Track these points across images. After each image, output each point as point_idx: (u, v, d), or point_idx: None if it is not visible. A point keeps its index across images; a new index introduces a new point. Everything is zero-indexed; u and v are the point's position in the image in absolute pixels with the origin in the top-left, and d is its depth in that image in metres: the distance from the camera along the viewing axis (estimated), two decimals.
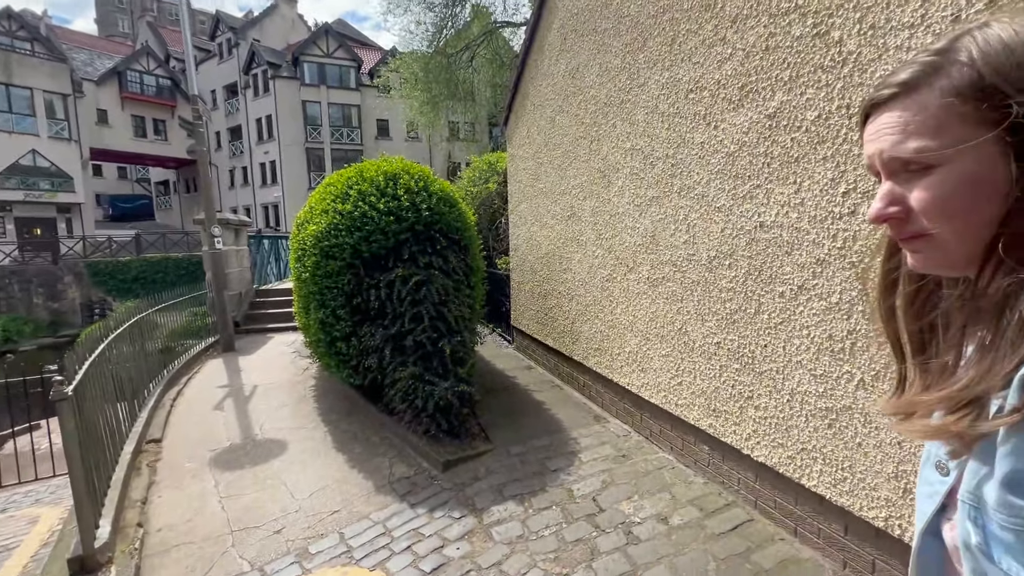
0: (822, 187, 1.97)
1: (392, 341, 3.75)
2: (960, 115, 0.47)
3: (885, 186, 0.53)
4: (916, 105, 0.49)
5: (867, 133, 0.55)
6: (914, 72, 0.50)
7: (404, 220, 3.77)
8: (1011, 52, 0.44)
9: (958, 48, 0.48)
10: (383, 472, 3.35)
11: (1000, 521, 0.44)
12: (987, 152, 0.46)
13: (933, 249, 0.51)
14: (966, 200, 0.48)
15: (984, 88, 0.45)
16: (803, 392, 2.12)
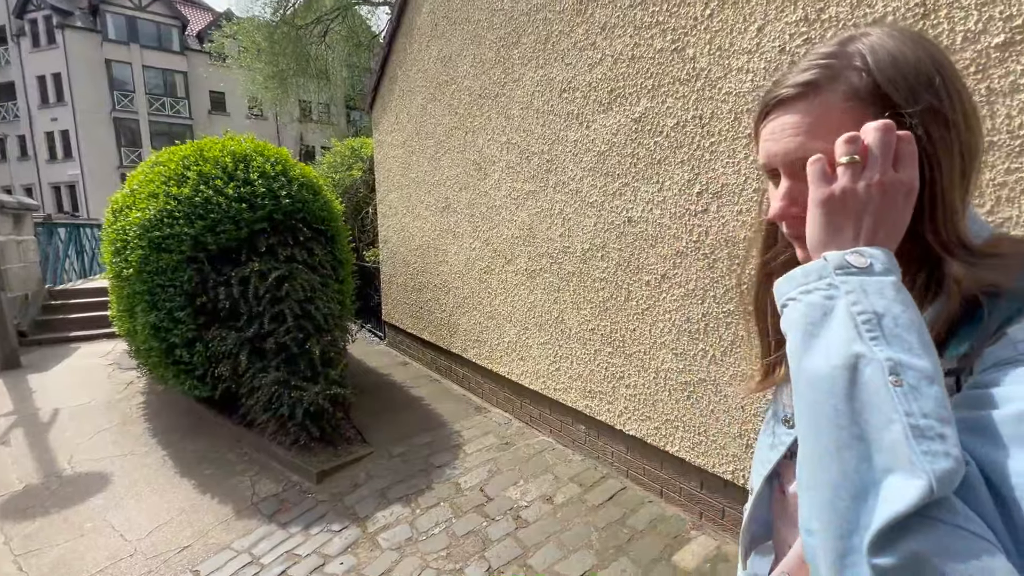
0: (680, 187, 2.22)
1: (249, 344, 3.33)
2: (860, 118, 0.48)
3: (785, 185, 0.53)
4: (820, 107, 0.50)
5: (766, 132, 0.54)
6: (816, 74, 0.50)
7: (260, 208, 3.34)
8: (897, 64, 0.47)
9: (851, 53, 0.49)
10: (244, 493, 2.96)
11: None
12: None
13: None
14: None
15: (880, 95, 0.48)
16: (667, 369, 2.38)
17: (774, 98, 0.53)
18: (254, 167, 3.43)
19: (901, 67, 0.47)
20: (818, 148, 0.49)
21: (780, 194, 0.54)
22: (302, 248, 3.59)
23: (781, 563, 0.63)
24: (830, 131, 0.49)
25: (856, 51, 0.49)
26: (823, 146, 0.49)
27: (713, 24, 2.01)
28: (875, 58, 0.48)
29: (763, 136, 0.55)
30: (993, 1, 1.34)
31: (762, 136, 0.55)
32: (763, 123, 0.55)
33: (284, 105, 16.91)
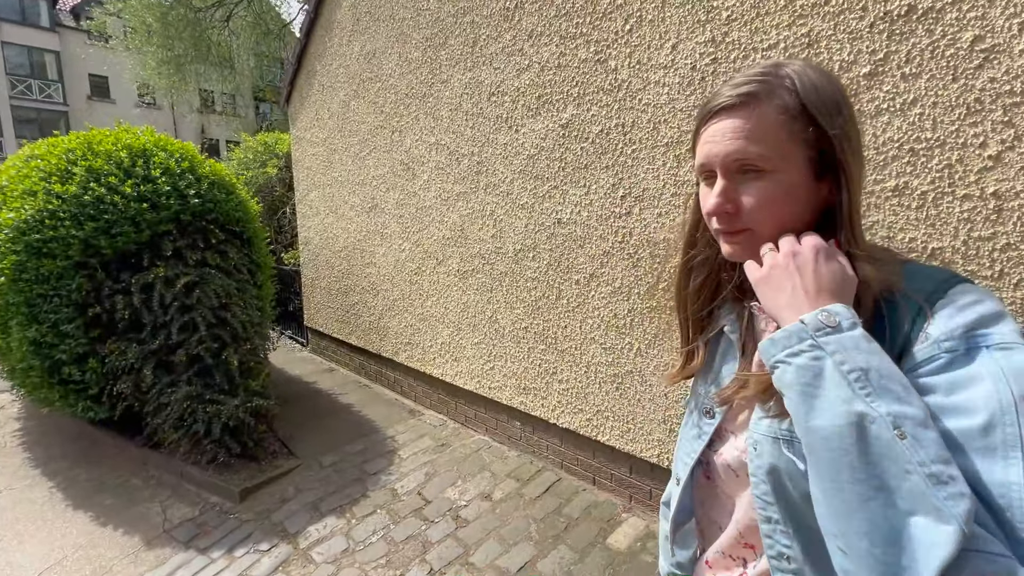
0: (606, 191, 2.35)
1: (154, 357, 3.04)
2: (789, 132, 0.56)
3: (721, 184, 0.59)
4: (758, 115, 0.56)
5: (707, 135, 0.60)
6: (755, 87, 0.57)
7: (164, 208, 3.06)
8: (818, 91, 0.56)
9: (782, 75, 0.57)
10: (154, 520, 2.70)
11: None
12: (801, 166, 0.57)
13: (752, 242, 0.60)
14: (784, 204, 0.58)
15: (806, 114, 0.56)
16: (597, 363, 2.51)
17: (717, 105, 0.58)
18: (156, 163, 3.13)
19: (821, 94, 0.56)
20: (754, 151, 0.56)
21: (716, 191, 0.59)
22: (215, 251, 3.33)
23: (717, 543, 0.71)
24: (765, 137, 0.56)
25: (786, 74, 0.57)
26: (759, 150, 0.56)
27: (632, 39, 2.15)
28: (801, 83, 0.56)
29: (703, 139, 0.60)
30: (861, 37, 1.57)
31: (702, 139, 0.60)
32: (704, 127, 0.60)
33: (182, 94, 15.44)
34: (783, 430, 0.58)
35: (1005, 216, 1.39)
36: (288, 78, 4.85)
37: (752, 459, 0.61)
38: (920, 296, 0.53)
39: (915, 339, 0.51)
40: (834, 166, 0.57)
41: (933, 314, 0.51)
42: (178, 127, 21.76)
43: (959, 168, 1.45)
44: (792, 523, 0.58)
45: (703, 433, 0.71)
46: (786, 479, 0.57)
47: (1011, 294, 1.41)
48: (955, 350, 0.48)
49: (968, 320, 0.49)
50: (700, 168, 0.62)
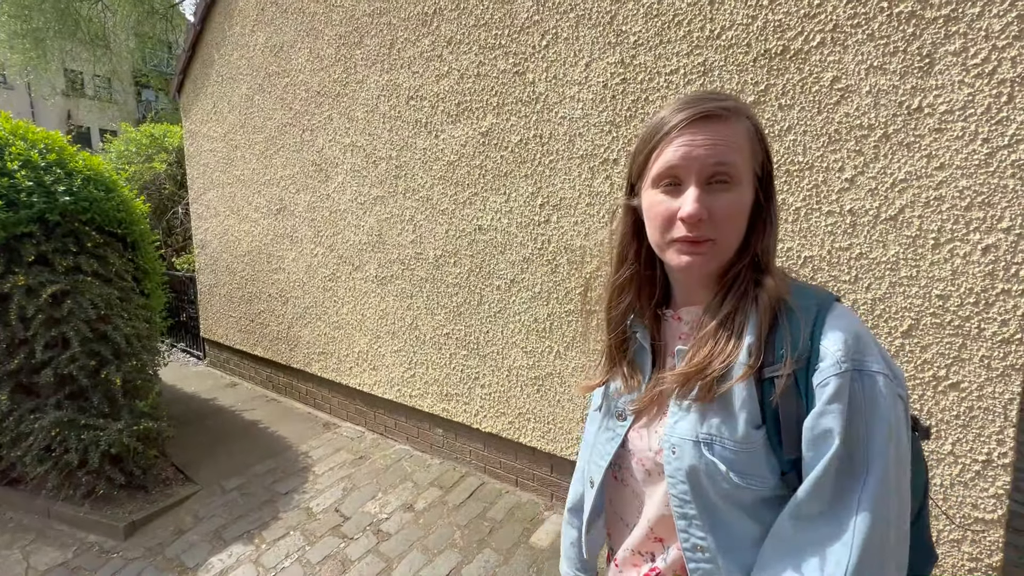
0: (525, 199, 2.42)
1: (11, 380, 2.61)
2: (749, 153, 0.62)
3: (697, 191, 0.60)
4: (732, 130, 0.60)
5: (683, 139, 0.60)
6: (730, 104, 0.61)
7: (25, 207, 2.64)
8: (762, 127, 0.65)
9: (744, 106, 0.63)
10: (14, 570, 2.32)
11: (741, 448, 0.60)
12: (753, 185, 0.63)
13: (715, 252, 0.62)
14: (742, 219, 0.62)
15: (757, 138, 0.63)
16: (518, 367, 2.57)
17: (699, 112, 0.60)
18: (12, 154, 2.69)
19: (764, 132, 0.65)
20: (732, 159, 0.60)
21: (693, 197, 0.59)
22: (90, 256, 2.93)
23: (626, 542, 0.74)
24: (741, 150, 0.60)
25: (743, 103, 0.64)
26: (736, 161, 0.60)
27: (549, 54, 2.24)
28: (753, 115, 0.64)
29: (679, 143, 0.60)
30: (746, 70, 1.78)
31: (673, 143, 0.61)
32: (674, 134, 0.61)
33: (43, 72, 13.41)
34: (703, 433, 0.62)
35: (859, 230, 1.64)
36: (180, 66, 4.42)
37: (670, 461, 0.64)
38: (812, 308, 0.60)
39: (817, 350, 0.58)
40: (768, 191, 0.65)
41: (825, 329, 0.58)
42: (37, 111, 18.83)
43: (824, 188, 1.69)
44: (708, 518, 0.62)
45: (616, 435, 0.74)
46: (705, 479, 0.62)
47: (863, 295, 1.66)
48: (848, 371, 0.55)
49: (850, 344, 0.57)
50: (665, 172, 0.62)
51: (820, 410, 0.56)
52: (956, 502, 1.58)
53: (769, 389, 0.59)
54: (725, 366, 0.61)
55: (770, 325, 0.61)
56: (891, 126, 1.54)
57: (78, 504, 2.62)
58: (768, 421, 0.60)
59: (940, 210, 1.50)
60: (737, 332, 0.62)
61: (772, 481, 0.60)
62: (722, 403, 0.62)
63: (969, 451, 1.54)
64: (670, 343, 0.72)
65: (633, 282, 0.74)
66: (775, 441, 0.60)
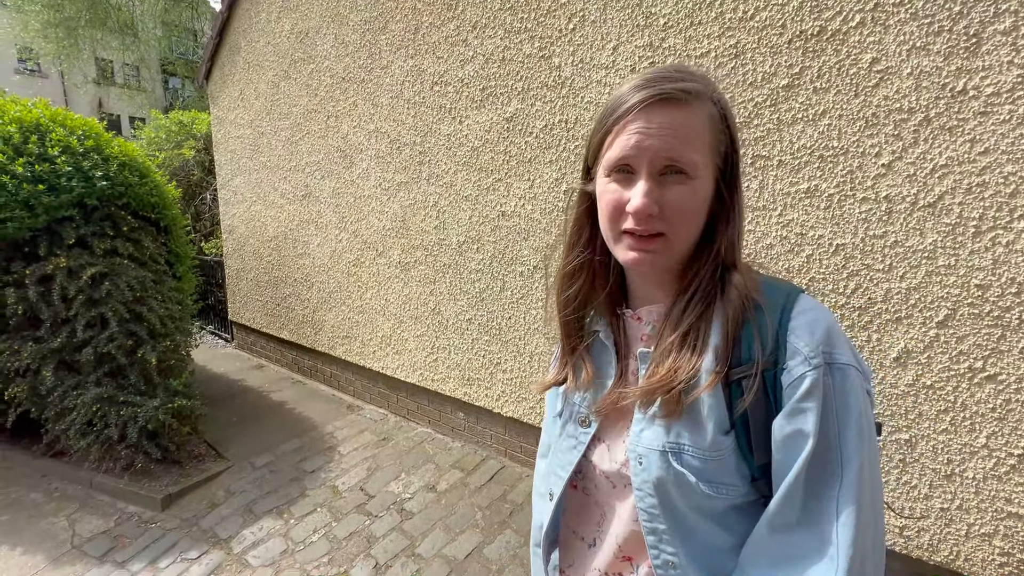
0: (549, 185, 2.41)
1: (55, 357, 2.74)
2: (710, 141, 0.56)
3: (647, 185, 0.55)
4: (691, 116, 0.54)
5: (634, 126, 0.54)
6: (691, 85, 0.55)
7: (65, 191, 2.74)
8: (730, 110, 0.58)
9: (710, 86, 0.57)
10: (60, 536, 2.45)
11: (709, 456, 0.56)
12: (711, 177, 0.57)
13: (666, 249, 0.57)
14: (697, 213, 0.57)
15: (722, 125, 0.57)
16: (540, 353, 2.59)
17: (653, 95, 0.54)
18: (52, 140, 2.79)
19: (732, 116, 0.59)
20: (688, 154, 0.54)
21: (642, 191, 0.54)
22: (126, 240, 3.03)
23: (595, 562, 0.68)
24: (697, 143, 0.54)
25: (713, 87, 0.57)
26: (691, 153, 0.54)
27: (576, 38, 2.21)
28: (720, 98, 0.58)
29: (629, 130, 0.55)
30: (780, 52, 1.73)
31: (626, 130, 0.55)
32: (629, 118, 0.55)
33: (75, 61, 13.74)
34: (670, 442, 0.58)
35: (894, 217, 1.60)
36: (208, 53, 4.49)
37: (637, 473, 0.60)
38: (778, 304, 0.57)
39: (785, 346, 0.55)
40: (732, 182, 0.59)
41: (792, 324, 0.55)
42: (70, 99, 19.33)
43: (859, 174, 1.64)
44: (678, 531, 0.58)
45: (579, 443, 0.68)
46: (674, 491, 0.57)
47: (897, 284, 1.62)
48: (819, 365, 0.52)
49: (820, 337, 0.54)
50: (618, 161, 0.56)
51: (791, 408, 0.53)
52: (988, 496, 1.55)
53: (737, 392, 0.56)
54: (690, 377, 0.57)
55: (737, 325, 0.57)
56: (933, 109, 1.49)
57: (118, 476, 2.75)
58: (737, 426, 0.56)
59: (983, 197, 1.45)
60: (702, 337, 0.58)
61: (743, 488, 0.57)
62: (688, 410, 0.58)
63: (1004, 444, 1.50)
64: (632, 344, 0.67)
65: (585, 270, 0.68)
66: (744, 446, 0.56)
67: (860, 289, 1.69)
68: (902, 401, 1.65)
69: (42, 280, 2.70)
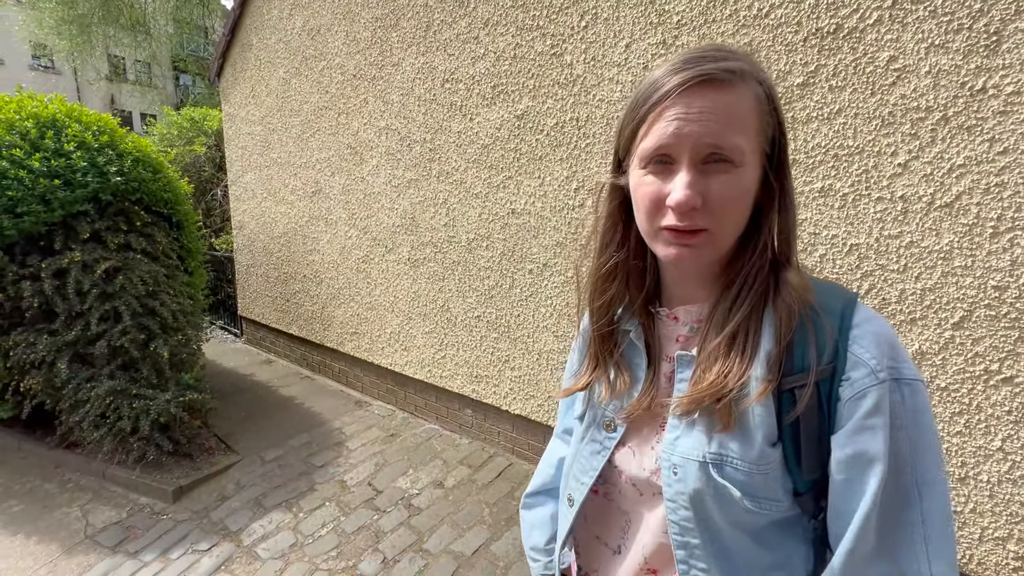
0: (560, 183, 2.41)
1: (70, 350, 2.77)
2: (757, 125, 0.51)
3: (690, 176, 0.50)
4: (739, 99, 0.49)
5: (673, 111, 0.50)
6: (739, 65, 0.50)
7: (80, 186, 2.77)
8: (775, 91, 0.53)
9: (754, 65, 0.51)
10: (74, 526, 2.49)
11: (755, 470, 0.52)
12: (758, 163, 0.52)
13: (709, 244, 0.52)
14: (744, 204, 0.52)
15: (769, 106, 0.52)
16: (548, 351, 2.59)
17: (697, 76, 0.48)
18: (68, 135, 2.82)
19: (777, 97, 0.53)
20: (732, 143, 0.49)
21: (685, 182, 0.50)
22: (139, 235, 3.07)
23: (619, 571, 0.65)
24: (744, 128, 0.50)
25: (756, 66, 0.52)
26: (735, 141, 0.49)
27: (588, 35, 2.21)
28: (765, 78, 0.52)
29: (667, 116, 0.50)
30: (796, 50, 1.72)
31: (664, 116, 0.50)
32: (667, 103, 0.50)
33: (87, 58, 13.89)
34: (711, 452, 0.54)
35: (910, 217, 1.58)
36: (219, 50, 4.52)
37: (670, 483, 0.56)
38: (836, 310, 0.53)
39: (845, 357, 0.51)
40: (781, 169, 0.54)
41: (855, 332, 0.51)
42: (82, 95, 19.55)
43: (874, 173, 1.63)
44: (713, 548, 0.55)
45: (604, 449, 0.64)
46: (712, 504, 0.54)
47: (912, 285, 1.61)
48: (884, 380, 0.49)
49: (886, 350, 0.50)
50: (655, 151, 0.51)
51: (855, 426, 0.49)
52: (1003, 499, 1.53)
53: (788, 401, 0.52)
54: (741, 384, 0.53)
55: (791, 329, 0.52)
56: (951, 108, 1.47)
57: (130, 468, 2.78)
58: (785, 437, 0.52)
59: (1001, 197, 1.43)
60: (752, 340, 0.54)
61: (786, 503, 0.54)
62: (737, 420, 0.54)
63: (1021, 448, 1.49)
64: (665, 345, 0.63)
65: (619, 272, 0.64)
66: (792, 460, 0.52)
67: (874, 289, 1.67)
68: None
69: (57, 274, 2.73)
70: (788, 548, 0.56)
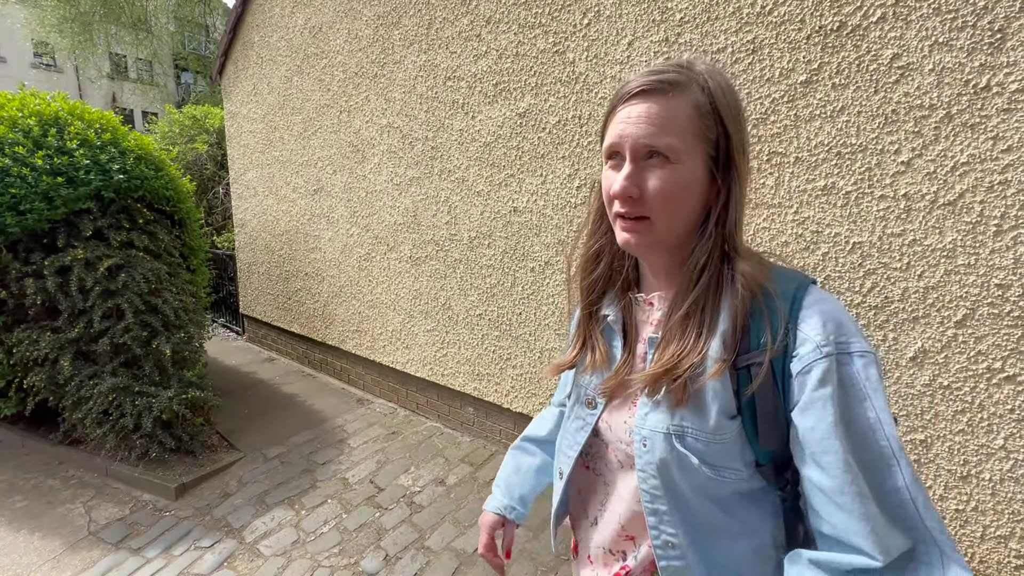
0: (562, 181, 2.41)
1: (73, 347, 2.78)
2: (696, 127, 0.57)
3: (629, 168, 0.58)
4: (671, 106, 0.57)
5: (621, 115, 0.59)
6: (674, 76, 0.57)
7: (83, 184, 2.78)
8: (726, 96, 0.59)
9: (697, 73, 0.58)
10: (77, 523, 2.50)
11: (713, 439, 0.58)
12: (701, 163, 0.58)
13: (649, 231, 0.60)
14: (682, 197, 0.59)
15: (711, 112, 0.58)
16: (550, 349, 2.59)
17: (634, 88, 0.58)
18: (71, 133, 2.83)
19: (727, 97, 0.59)
20: (664, 139, 0.56)
21: (624, 174, 0.58)
22: (142, 232, 3.07)
23: (598, 538, 0.71)
24: (676, 127, 0.57)
25: (700, 71, 0.59)
26: (668, 139, 0.56)
27: (590, 33, 2.20)
28: (712, 82, 0.58)
29: (616, 120, 0.60)
30: (799, 48, 1.71)
31: (614, 120, 0.60)
32: (618, 109, 0.60)
33: (89, 56, 13.90)
34: (674, 424, 0.60)
35: (913, 215, 1.58)
36: (221, 48, 4.52)
37: (641, 455, 0.62)
38: (789, 293, 0.58)
39: (795, 335, 0.56)
40: (728, 168, 0.60)
41: (803, 313, 0.56)
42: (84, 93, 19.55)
43: (877, 171, 1.62)
44: (679, 513, 0.60)
45: (586, 424, 0.71)
46: (676, 472, 0.59)
47: (915, 283, 1.61)
48: (830, 354, 0.53)
49: (833, 327, 0.55)
50: (608, 149, 0.61)
51: (808, 399, 0.53)
52: (1005, 498, 1.53)
53: (745, 378, 0.57)
54: (695, 364, 0.58)
55: (747, 312, 0.58)
56: (955, 106, 1.47)
57: (133, 465, 2.79)
58: (744, 411, 0.58)
59: (1004, 195, 1.43)
60: (708, 322, 0.59)
61: (746, 473, 0.59)
62: (694, 395, 0.59)
63: (1023, 446, 1.49)
64: (641, 328, 0.69)
65: (603, 255, 0.72)
66: (751, 432, 0.58)
67: (877, 288, 1.67)
68: (918, 401, 1.64)
69: (60, 271, 2.74)
70: (754, 517, 0.61)
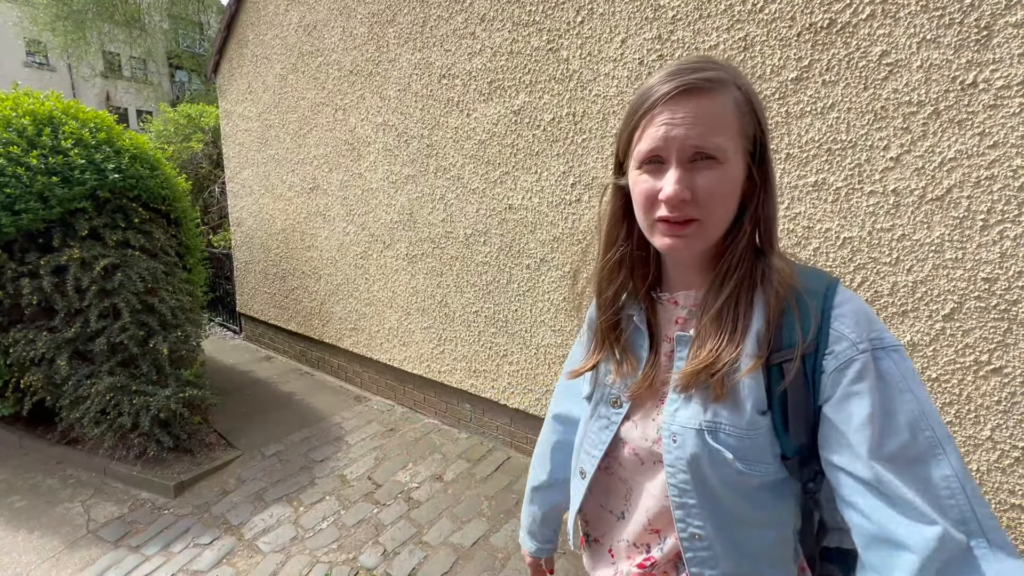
0: (557, 178, 2.42)
1: (69, 346, 2.79)
2: (738, 126, 0.57)
3: (678, 172, 0.56)
4: (718, 105, 0.56)
5: (661, 118, 0.56)
6: (718, 74, 0.56)
7: (78, 183, 2.78)
8: (755, 96, 0.60)
9: (733, 73, 0.58)
10: (76, 521, 2.51)
11: (746, 435, 0.59)
12: (741, 161, 0.58)
13: (700, 233, 0.59)
14: (729, 197, 0.59)
15: (752, 111, 0.59)
16: (546, 345, 2.61)
17: (677, 86, 0.56)
18: (65, 133, 2.82)
19: (757, 99, 0.60)
20: (712, 144, 0.55)
21: (674, 178, 0.56)
22: (138, 232, 3.08)
23: (623, 533, 0.71)
24: (725, 130, 0.56)
25: (736, 73, 0.59)
26: (719, 139, 0.55)
27: (584, 31, 2.22)
28: (744, 83, 0.59)
29: (656, 122, 0.57)
30: (790, 45, 1.73)
31: (654, 122, 0.57)
32: (655, 111, 0.57)
33: (83, 54, 13.80)
34: (707, 421, 0.60)
35: (902, 210, 1.60)
36: (216, 47, 4.51)
37: (670, 450, 0.62)
38: (819, 291, 0.58)
39: (828, 330, 0.56)
40: (763, 164, 0.60)
41: (836, 311, 0.57)
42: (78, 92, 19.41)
43: (867, 167, 1.64)
44: (707, 506, 0.61)
45: (611, 424, 0.71)
46: (707, 467, 0.60)
47: (904, 278, 1.63)
48: (866, 351, 0.54)
49: (866, 324, 0.56)
50: (648, 154, 0.59)
51: (844, 393, 0.54)
52: (992, 488, 1.56)
53: (776, 374, 0.58)
54: (733, 360, 0.59)
55: (780, 309, 0.58)
56: (942, 102, 1.49)
57: (131, 464, 2.80)
58: (775, 407, 0.58)
59: (991, 190, 1.45)
60: (742, 320, 0.60)
61: (774, 466, 0.60)
62: (729, 391, 0.60)
63: (1009, 437, 1.51)
64: (665, 327, 0.69)
65: (625, 263, 0.71)
66: (780, 427, 0.59)
67: (867, 282, 1.69)
68: None
69: (56, 271, 2.74)
70: (779, 508, 0.63)
